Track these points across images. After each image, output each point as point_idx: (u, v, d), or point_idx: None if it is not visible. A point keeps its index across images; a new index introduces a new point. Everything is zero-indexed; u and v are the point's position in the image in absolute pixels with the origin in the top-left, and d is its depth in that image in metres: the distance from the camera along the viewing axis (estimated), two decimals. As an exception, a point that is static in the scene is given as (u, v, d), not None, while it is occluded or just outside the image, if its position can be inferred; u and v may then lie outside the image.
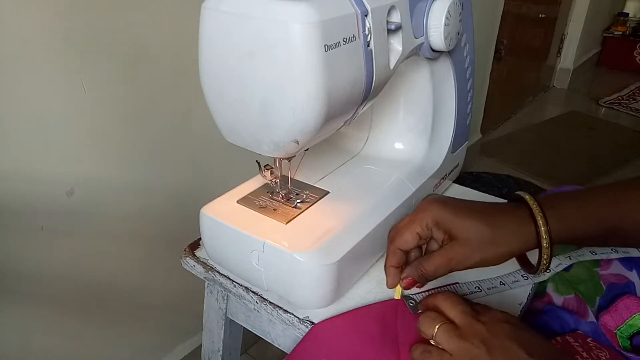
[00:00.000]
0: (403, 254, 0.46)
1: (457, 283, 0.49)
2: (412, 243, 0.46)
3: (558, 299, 0.49)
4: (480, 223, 0.42)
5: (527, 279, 0.50)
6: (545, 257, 0.42)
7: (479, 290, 0.49)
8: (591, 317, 0.46)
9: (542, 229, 0.41)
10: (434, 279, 0.45)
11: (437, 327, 0.38)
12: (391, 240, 0.47)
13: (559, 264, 0.50)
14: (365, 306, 0.46)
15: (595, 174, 1.88)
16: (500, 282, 0.49)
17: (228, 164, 0.89)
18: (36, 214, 0.68)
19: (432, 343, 0.39)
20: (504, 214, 0.43)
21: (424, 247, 0.47)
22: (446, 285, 0.49)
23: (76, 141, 0.69)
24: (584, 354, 0.41)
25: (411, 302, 0.46)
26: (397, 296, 0.48)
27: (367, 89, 0.42)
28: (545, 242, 0.41)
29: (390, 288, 0.47)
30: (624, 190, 0.43)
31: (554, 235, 0.41)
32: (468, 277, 0.50)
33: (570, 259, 0.50)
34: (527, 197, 0.43)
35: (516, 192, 0.45)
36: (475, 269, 0.43)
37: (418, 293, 0.48)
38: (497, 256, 0.42)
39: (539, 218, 0.41)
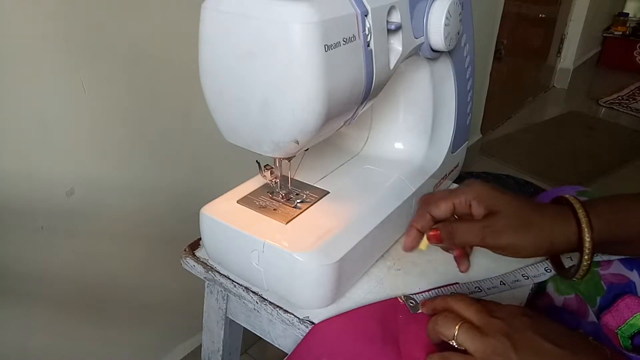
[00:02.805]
0: (431, 220, 0.45)
1: (457, 283, 0.49)
2: (445, 212, 0.44)
3: (558, 299, 0.49)
4: (524, 204, 0.42)
5: (528, 278, 0.50)
6: (587, 253, 0.40)
7: (479, 290, 0.49)
8: (592, 317, 0.46)
9: (584, 223, 0.40)
10: (461, 245, 0.44)
11: (457, 327, 0.37)
12: (423, 203, 0.45)
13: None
14: (365, 306, 0.46)
15: (595, 174, 1.88)
16: (501, 281, 0.49)
17: (228, 164, 0.89)
18: (36, 214, 0.68)
19: (454, 344, 0.38)
20: (549, 206, 0.43)
21: None
22: (447, 286, 0.49)
23: (76, 141, 0.69)
24: None
25: (411, 302, 0.46)
26: (423, 247, 0.45)
27: (367, 89, 0.42)
28: (587, 237, 0.40)
29: (405, 250, 0.46)
30: None
31: (596, 237, 0.40)
32: (469, 277, 0.51)
33: (571, 259, 0.50)
34: (569, 197, 0.43)
35: (560, 195, 0.44)
36: (476, 272, 0.43)
37: (418, 293, 0.48)
38: (534, 244, 0.41)
39: (581, 213, 0.40)
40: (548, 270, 0.49)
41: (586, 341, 0.37)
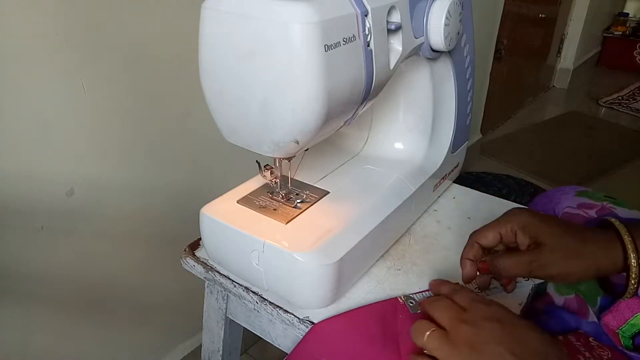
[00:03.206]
0: (480, 249, 0.46)
1: (458, 284, 0.49)
2: (492, 240, 0.45)
3: (559, 299, 0.49)
4: (568, 234, 0.42)
5: (527, 279, 0.50)
6: (633, 277, 0.41)
7: (480, 291, 0.49)
8: (592, 317, 0.46)
9: (630, 249, 0.41)
10: (509, 276, 0.45)
11: (426, 334, 0.38)
12: (472, 235, 0.47)
13: None
14: (365, 306, 0.46)
15: (595, 174, 1.88)
16: (501, 283, 0.49)
17: (228, 164, 0.89)
18: (36, 214, 0.68)
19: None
20: (593, 232, 0.43)
21: None
22: None
23: (76, 141, 0.69)
24: (586, 354, 0.41)
25: (411, 302, 0.46)
26: None
27: (367, 89, 0.42)
28: (634, 261, 0.40)
29: (465, 282, 0.47)
30: None
31: None
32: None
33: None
34: (614, 220, 0.43)
35: (603, 218, 0.45)
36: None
37: (418, 293, 0.48)
38: (581, 271, 0.42)
39: (626, 238, 0.41)
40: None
41: (557, 351, 0.36)
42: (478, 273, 0.46)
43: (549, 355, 0.35)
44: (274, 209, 0.50)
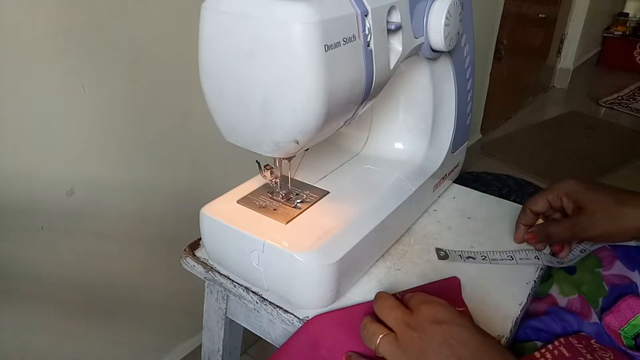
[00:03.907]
0: (533, 215, 0.53)
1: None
2: (542, 207, 0.52)
3: (562, 301, 0.49)
4: (609, 198, 0.46)
5: (579, 247, 0.52)
6: None
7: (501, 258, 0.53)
8: (594, 318, 0.46)
9: None
10: (556, 241, 0.51)
11: (378, 339, 0.38)
12: (525, 203, 0.54)
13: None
14: (364, 302, 0.46)
15: (595, 174, 1.88)
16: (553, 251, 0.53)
17: (228, 164, 0.89)
18: (36, 214, 0.68)
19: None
20: (635, 196, 0.46)
21: None
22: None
23: (76, 141, 0.69)
24: (588, 356, 0.41)
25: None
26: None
27: (367, 89, 0.42)
28: None
29: (516, 242, 0.55)
30: None
31: None
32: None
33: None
34: None
35: None
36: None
37: (416, 288, 0.48)
38: (621, 231, 0.45)
39: None
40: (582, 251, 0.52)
41: (497, 353, 0.36)
42: (527, 239, 0.53)
43: (486, 356, 0.36)
44: (274, 209, 0.50)
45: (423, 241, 0.57)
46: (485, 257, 0.54)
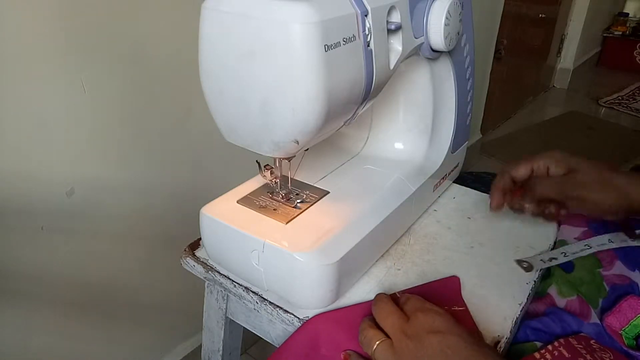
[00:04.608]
0: (510, 181, 0.49)
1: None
2: (523, 173, 0.49)
3: (561, 301, 0.49)
4: (601, 164, 0.45)
5: (590, 247, 0.50)
6: None
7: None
8: (594, 319, 0.46)
9: None
10: (542, 196, 0.48)
11: (375, 346, 0.38)
12: (504, 167, 0.50)
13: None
14: (364, 302, 0.46)
15: (595, 174, 1.88)
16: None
17: (228, 164, 0.89)
18: (36, 214, 0.68)
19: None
20: (629, 172, 0.45)
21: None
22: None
23: (76, 141, 0.69)
24: (588, 356, 0.41)
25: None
26: None
27: (367, 89, 0.42)
28: None
29: (492, 210, 0.50)
30: None
31: None
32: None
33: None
34: None
35: (637, 163, 0.48)
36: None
37: (415, 287, 0.48)
38: (609, 200, 0.44)
39: None
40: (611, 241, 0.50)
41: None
42: (511, 208, 0.49)
43: None
44: (274, 209, 0.50)
45: (423, 241, 0.57)
46: (566, 254, 0.50)
